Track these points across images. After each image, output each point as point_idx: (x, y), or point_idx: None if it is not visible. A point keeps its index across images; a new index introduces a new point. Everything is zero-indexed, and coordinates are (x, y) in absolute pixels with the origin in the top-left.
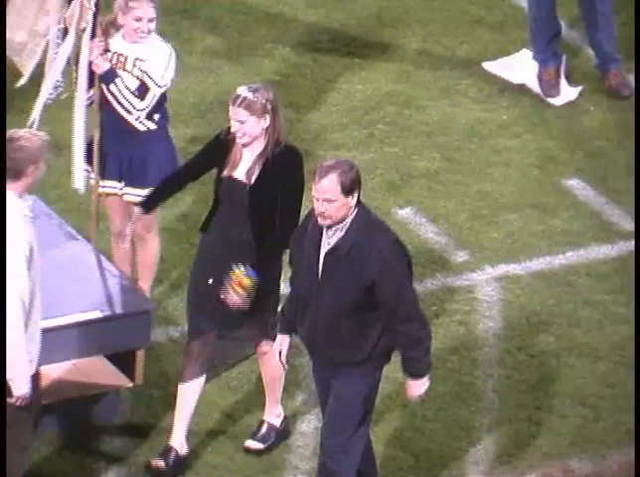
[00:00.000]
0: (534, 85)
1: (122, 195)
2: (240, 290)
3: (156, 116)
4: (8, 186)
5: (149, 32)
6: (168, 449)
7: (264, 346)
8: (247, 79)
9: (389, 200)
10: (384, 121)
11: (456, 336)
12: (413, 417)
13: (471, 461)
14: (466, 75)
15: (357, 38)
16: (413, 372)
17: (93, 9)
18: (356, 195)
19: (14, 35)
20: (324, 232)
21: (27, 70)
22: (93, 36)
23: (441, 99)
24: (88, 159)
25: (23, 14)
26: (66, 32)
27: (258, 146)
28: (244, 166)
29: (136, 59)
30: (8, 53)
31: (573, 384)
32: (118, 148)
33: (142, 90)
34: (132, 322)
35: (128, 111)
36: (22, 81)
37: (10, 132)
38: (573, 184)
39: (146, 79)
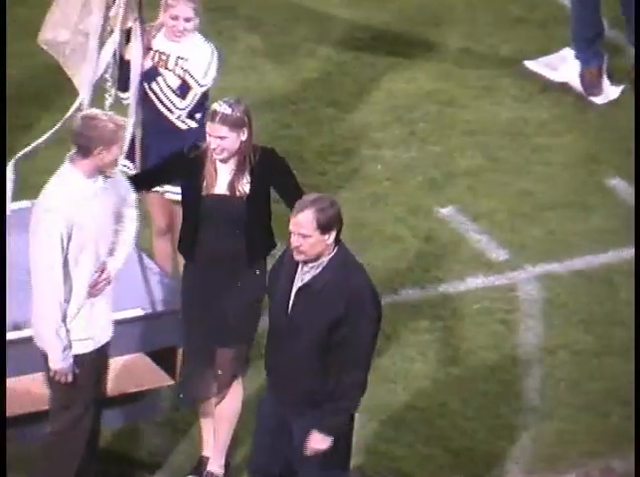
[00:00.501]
0: (576, 84)
1: (163, 193)
2: None
3: (197, 115)
4: (76, 163)
5: (185, 31)
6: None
7: (231, 379)
8: (289, 78)
9: (430, 198)
10: (425, 120)
11: (497, 334)
12: (454, 416)
13: (512, 460)
14: (508, 73)
15: (399, 36)
16: (323, 425)
17: (139, 8)
18: (333, 233)
19: (57, 34)
20: (299, 267)
21: (70, 69)
22: (142, 35)
23: (483, 98)
24: (129, 156)
25: (66, 12)
26: (110, 31)
27: (235, 159)
28: (224, 180)
29: (178, 57)
30: (52, 52)
31: (614, 383)
32: (159, 146)
33: (184, 89)
34: (173, 320)
35: (170, 110)
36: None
37: (88, 111)
38: (615, 183)
39: (188, 78)
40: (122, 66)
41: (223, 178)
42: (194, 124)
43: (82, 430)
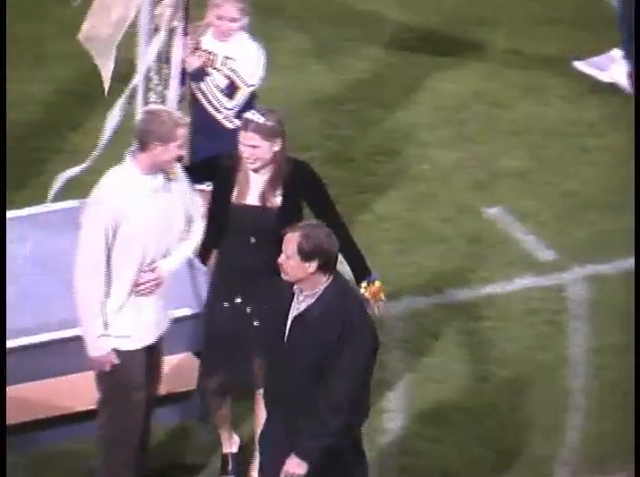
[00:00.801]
0: (624, 85)
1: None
2: (380, 297)
3: (257, 108)
4: (134, 158)
5: (230, 31)
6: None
7: None
8: (337, 78)
9: (476, 199)
10: (472, 120)
11: (545, 335)
12: (501, 417)
13: (559, 461)
14: (556, 73)
15: (446, 36)
16: (300, 448)
17: (185, 7)
18: (315, 263)
19: (95, 30)
20: (296, 295)
21: (104, 67)
22: (185, 34)
23: (530, 98)
24: None
25: (105, 8)
26: (156, 30)
27: (268, 169)
28: (255, 191)
29: (225, 57)
30: (88, 48)
31: None
32: (207, 145)
33: (231, 89)
34: None
35: (217, 110)
36: (106, 87)
37: (151, 106)
38: None
39: (235, 78)
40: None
41: (254, 188)
42: None
43: (124, 427)
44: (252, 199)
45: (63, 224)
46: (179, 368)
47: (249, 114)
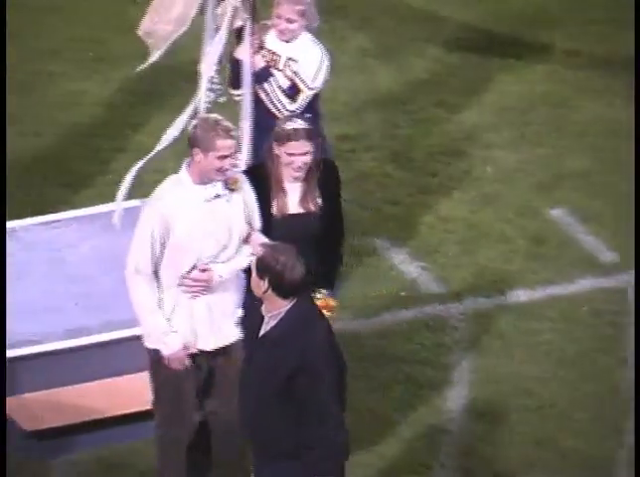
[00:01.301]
0: None
1: None
2: (328, 314)
3: (307, 116)
4: (187, 167)
5: (287, 31)
6: None
7: None
8: (399, 78)
9: (540, 200)
10: (536, 121)
11: (606, 337)
12: (563, 418)
13: (620, 463)
14: (620, 75)
15: (510, 37)
16: (313, 470)
17: (252, 6)
18: (266, 282)
19: (155, 26)
20: (265, 317)
21: (153, 55)
22: (252, 33)
23: (595, 100)
24: None
25: (164, 5)
26: (217, 29)
27: (304, 174)
28: (294, 199)
29: (289, 58)
30: (148, 43)
31: None
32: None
33: (293, 91)
34: None
35: (279, 111)
36: (149, 62)
37: (206, 113)
38: None
39: (297, 80)
40: (232, 64)
41: (293, 196)
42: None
43: (175, 427)
44: (294, 207)
45: (124, 223)
46: None
47: (291, 124)
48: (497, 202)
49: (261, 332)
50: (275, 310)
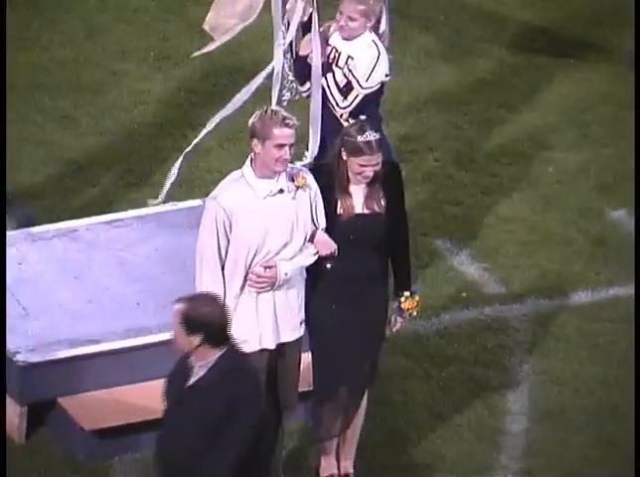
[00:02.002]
0: None
1: None
2: (412, 312)
3: (362, 117)
4: (251, 162)
5: (347, 28)
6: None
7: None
8: (461, 79)
9: (602, 201)
10: (597, 122)
11: None
12: (624, 420)
13: None
14: None
15: (572, 38)
16: None
17: (315, 1)
18: (198, 337)
19: (220, 20)
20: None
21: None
22: (318, 27)
23: None
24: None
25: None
26: (288, 25)
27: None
28: (359, 199)
29: (348, 56)
30: (214, 36)
31: None
32: (328, 140)
33: (347, 89)
34: None
35: (332, 107)
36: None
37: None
38: None
39: (351, 78)
40: (298, 59)
41: (357, 198)
42: None
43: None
44: (359, 208)
45: (187, 222)
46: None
47: (364, 137)
48: (558, 203)
49: (191, 381)
50: (205, 360)
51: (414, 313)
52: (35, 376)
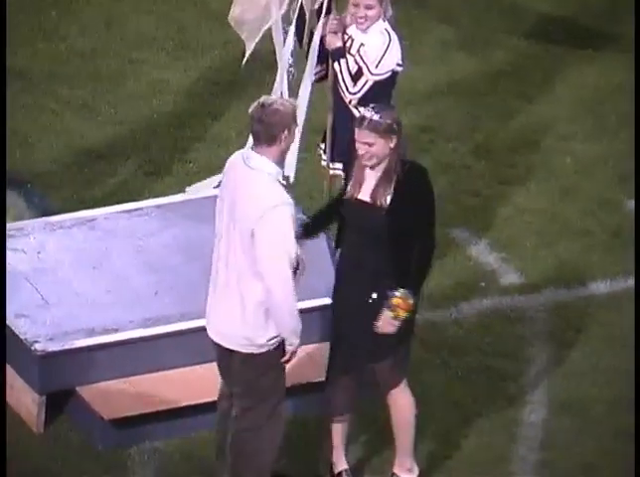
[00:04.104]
0: None
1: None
2: (402, 314)
3: (372, 105)
4: (265, 155)
5: (366, 18)
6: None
7: (395, 387)
8: (479, 70)
9: (620, 192)
10: (615, 113)
11: None
12: None
13: None
14: None
15: (589, 29)
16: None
17: None
18: None
19: (243, 13)
20: None
21: (249, 47)
22: (328, 12)
23: None
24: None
25: None
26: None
27: (382, 166)
28: (368, 187)
29: (361, 44)
30: (237, 30)
31: None
32: (344, 131)
33: (358, 75)
34: None
35: (343, 92)
36: (244, 60)
37: (263, 98)
38: None
39: (362, 64)
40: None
41: (368, 185)
42: None
43: (279, 422)
44: (364, 194)
45: (205, 212)
46: (316, 358)
47: (365, 112)
48: (576, 193)
49: None
50: None
51: (401, 315)
52: (53, 365)
